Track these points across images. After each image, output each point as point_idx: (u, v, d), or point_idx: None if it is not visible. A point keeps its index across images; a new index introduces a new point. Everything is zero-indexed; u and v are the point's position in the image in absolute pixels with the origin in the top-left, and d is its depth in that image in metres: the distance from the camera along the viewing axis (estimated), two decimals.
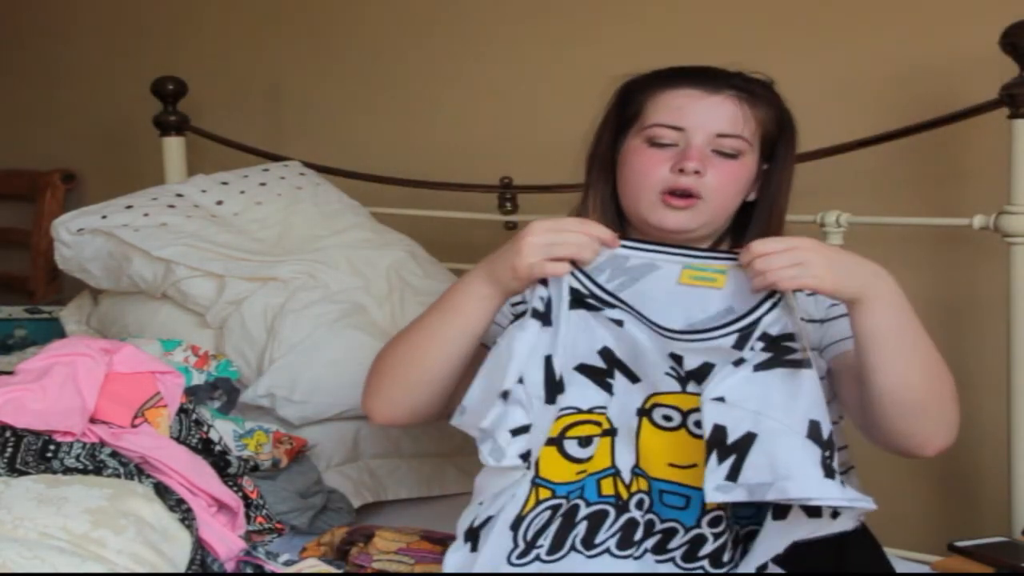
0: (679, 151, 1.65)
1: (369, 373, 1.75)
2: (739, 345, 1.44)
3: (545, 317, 1.49)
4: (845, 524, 1.67)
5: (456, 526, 1.58)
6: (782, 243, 1.46)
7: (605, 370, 1.52)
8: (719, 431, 1.41)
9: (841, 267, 1.47)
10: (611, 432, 1.54)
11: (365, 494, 2.23)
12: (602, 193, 1.75)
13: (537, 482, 1.52)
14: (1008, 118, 1.91)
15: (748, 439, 1.40)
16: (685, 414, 1.51)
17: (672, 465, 1.52)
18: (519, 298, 1.66)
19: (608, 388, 1.52)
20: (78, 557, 1.50)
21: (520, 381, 1.45)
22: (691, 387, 1.49)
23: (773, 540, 1.45)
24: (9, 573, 1.44)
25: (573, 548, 1.54)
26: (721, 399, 1.42)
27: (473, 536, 1.53)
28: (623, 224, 1.74)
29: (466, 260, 2.66)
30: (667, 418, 1.52)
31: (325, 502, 2.11)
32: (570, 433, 1.51)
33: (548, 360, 1.47)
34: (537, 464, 1.51)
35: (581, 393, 1.52)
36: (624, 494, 1.55)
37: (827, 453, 1.40)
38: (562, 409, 1.51)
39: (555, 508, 1.52)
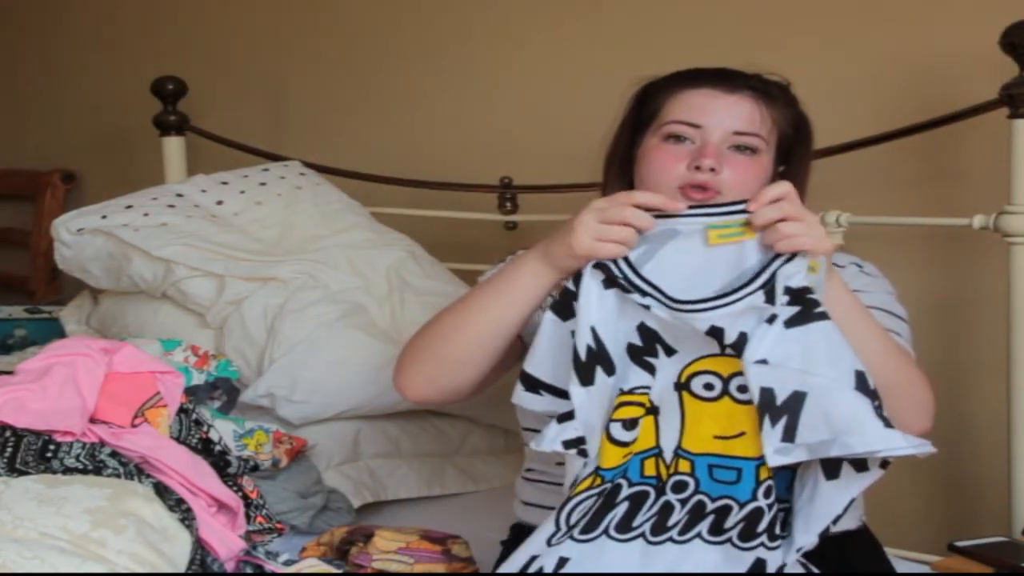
0: (696, 148, 1.65)
1: (404, 348, 1.70)
2: (769, 300, 1.44)
3: (562, 308, 1.49)
4: (849, 523, 1.68)
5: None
6: (796, 204, 1.47)
7: (643, 348, 1.49)
8: (767, 394, 1.40)
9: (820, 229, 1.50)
10: (654, 411, 1.51)
11: (365, 494, 2.23)
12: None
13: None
14: (1008, 118, 1.91)
15: (798, 398, 1.39)
16: (727, 380, 1.48)
17: (719, 437, 1.48)
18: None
19: (650, 368, 1.50)
20: (78, 557, 1.50)
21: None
22: (730, 352, 1.47)
23: (832, 501, 1.44)
24: (9, 573, 1.44)
25: (606, 532, 1.51)
26: (764, 361, 1.41)
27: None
28: None
29: (466, 260, 2.67)
30: (708, 387, 1.48)
31: (325, 502, 2.11)
32: (615, 415, 1.48)
33: (594, 332, 1.46)
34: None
35: (623, 373, 1.49)
36: (664, 475, 1.51)
37: (877, 403, 1.40)
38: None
39: (601, 493, 1.50)
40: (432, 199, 2.76)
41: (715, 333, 1.44)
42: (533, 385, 1.51)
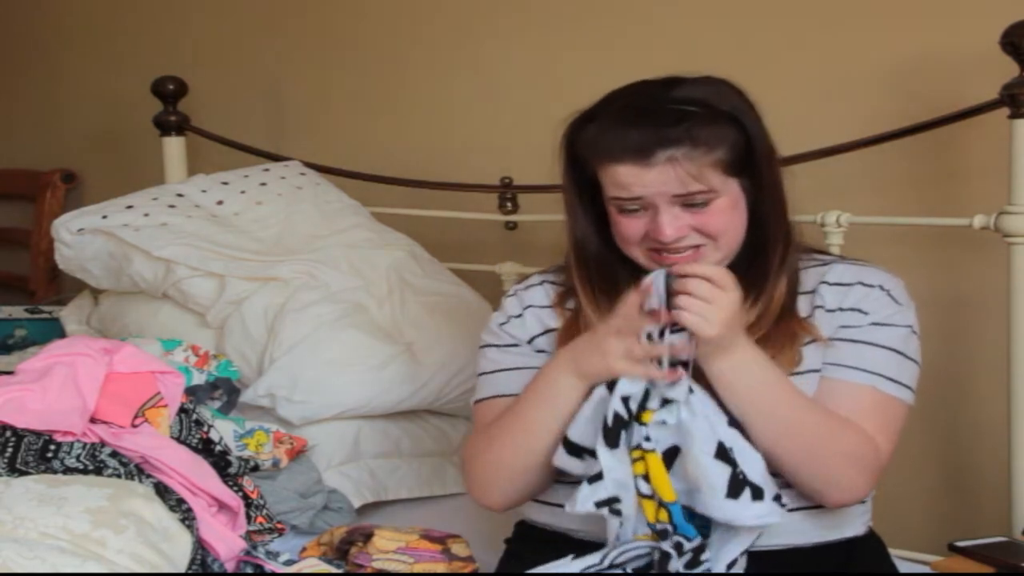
0: (648, 218, 1.63)
1: (470, 465, 1.77)
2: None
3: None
4: (855, 529, 1.67)
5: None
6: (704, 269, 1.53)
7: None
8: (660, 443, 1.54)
9: (734, 321, 1.54)
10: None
11: (365, 494, 2.23)
12: (581, 228, 1.74)
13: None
14: (1008, 118, 1.91)
15: (674, 452, 1.53)
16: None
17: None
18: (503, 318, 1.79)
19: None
20: (78, 557, 1.50)
21: None
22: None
23: (729, 545, 1.53)
24: (9, 573, 1.44)
25: None
26: (663, 421, 1.54)
27: None
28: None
29: (466, 260, 2.67)
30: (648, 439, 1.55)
31: (325, 502, 2.11)
32: (634, 471, 1.55)
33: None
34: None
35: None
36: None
37: (738, 470, 1.50)
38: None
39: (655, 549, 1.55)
40: (432, 199, 2.76)
41: None
42: (576, 451, 1.59)
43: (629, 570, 1.53)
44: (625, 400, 1.54)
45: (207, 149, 3.08)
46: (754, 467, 1.51)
